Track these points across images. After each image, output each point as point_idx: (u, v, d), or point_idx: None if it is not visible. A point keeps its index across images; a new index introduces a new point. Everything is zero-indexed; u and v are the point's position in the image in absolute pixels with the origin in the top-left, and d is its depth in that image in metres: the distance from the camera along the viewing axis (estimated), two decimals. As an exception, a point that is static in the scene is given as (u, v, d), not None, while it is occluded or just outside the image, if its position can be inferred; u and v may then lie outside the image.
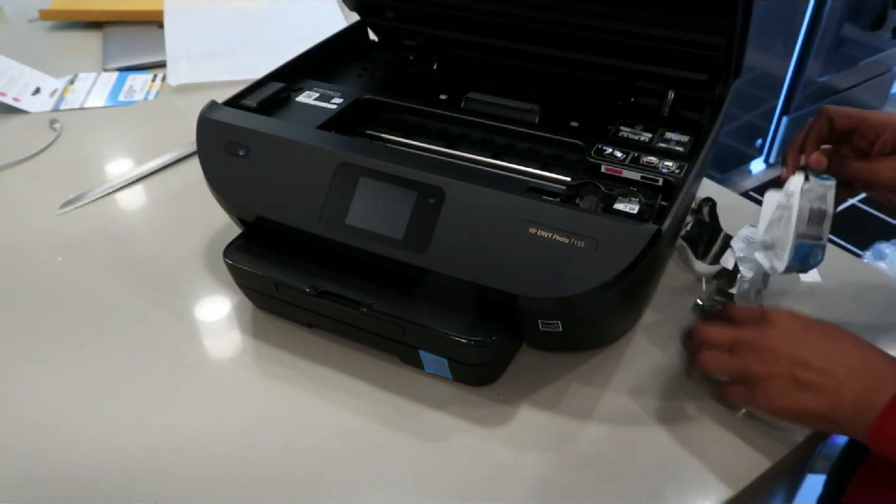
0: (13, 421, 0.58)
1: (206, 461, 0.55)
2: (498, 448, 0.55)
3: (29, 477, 0.54)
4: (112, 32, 1.22)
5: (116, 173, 0.87)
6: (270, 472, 0.54)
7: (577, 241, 0.51)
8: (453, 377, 0.59)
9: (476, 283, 0.54)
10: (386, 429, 0.57)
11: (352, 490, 0.53)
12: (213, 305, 0.68)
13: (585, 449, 0.55)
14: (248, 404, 0.59)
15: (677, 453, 0.54)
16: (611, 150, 0.61)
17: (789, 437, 0.55)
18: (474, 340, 0.54)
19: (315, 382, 0.60)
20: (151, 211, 0.82)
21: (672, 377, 0.60)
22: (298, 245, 0.61)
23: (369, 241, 0.57)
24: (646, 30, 0.63)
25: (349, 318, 0.59)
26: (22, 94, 1.02)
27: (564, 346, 0.62)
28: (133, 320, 0.67)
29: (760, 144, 2.27)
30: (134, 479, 0.53)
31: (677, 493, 0.52)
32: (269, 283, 0.61)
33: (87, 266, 0.73)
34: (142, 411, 0.58)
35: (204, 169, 0.63)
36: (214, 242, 0.75)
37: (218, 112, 0.64)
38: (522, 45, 0.73)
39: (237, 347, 0.64)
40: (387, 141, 0.68)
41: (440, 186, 0.55)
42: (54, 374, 0.62)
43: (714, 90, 0.66)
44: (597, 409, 0.58)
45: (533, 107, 0.67)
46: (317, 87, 0.71)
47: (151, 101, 1.03)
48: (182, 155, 0.89)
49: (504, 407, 0.58)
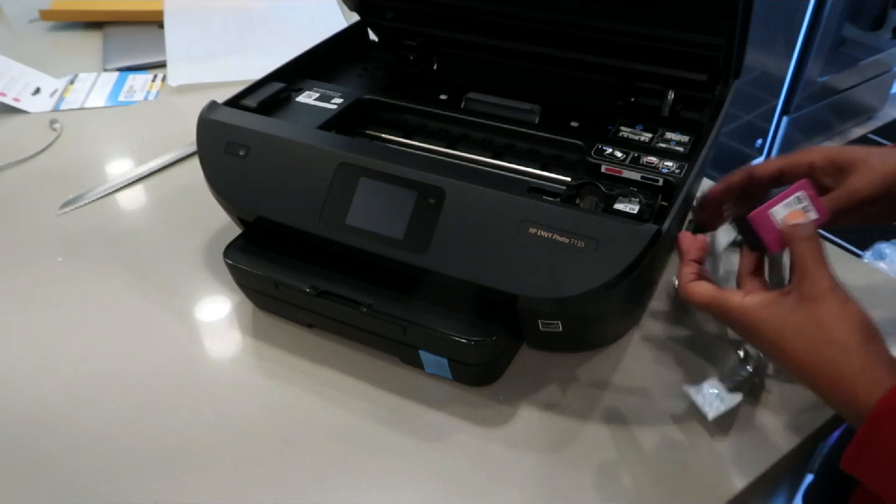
0: (13, 421, 0.58)
1: (206, 461, 0.55)
2: (498, 448, 0.55)
3: (28, 476, 0.54)
4: (112, 33, 1.22)
5: (116, 173, 0.87)
6: (270, 472, 0.54)
7: (577, 241, 0.51)
8: (453, 377, 0.59)
9: (476, 284, 0.54)
10: (386, 429, 0.57)
11: (352, 490, 0.53)
12: (213, 305, 0.68)
13: (585, 449, 0.55)
14: (248, 404, 0.59)
15: (677, 453, 0.54)
16: (611, 151, 0.61)
17: (789, 437, 0.55)
18: (474, 340, 0.54)
19: (315, 382, 0.60)
20: (151, 211, 0.82)
21: (672, 377, 0.60)
22: (298, 245, 0.61)
23: (369, 241, 0.57)
24: (646, 30, 0.63)
25: (349, 319, 0.59)
26: (22, 95, 1.02)
27: (564, 346, 0.62)
28: (133, 320, 0.67)
29: (760, 144, 2.27)
30: (134, 478, 0.54)
31: (677, 493, 0.52)
32: (269, 283, 0.61)
33: (87, 266, 0.73)
34: (141, 411, 0.58)
35: (204, 169, 0.63)
36: (214, 242, 0.75)
37: (218, 112, 0.64)
38: (522, 45, 0.73)
39: (237, 347, 0.64)
40: (387, 141, 0.69)
41: (440, 186, 0.55)
42: (54, 374, 0.62)
43: (714, 90, 0.66)
44: (597, 409, 0.58)
45: (533, 107, 0.67)
46: (317, 87, 0.71)
47: (151, 102, 1.03)
48: (182, 155, 0.89)
49: (504, 407, 0.58)
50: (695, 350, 0.63)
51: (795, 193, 0.51)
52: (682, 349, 0.62)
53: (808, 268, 0.47)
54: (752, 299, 0.49)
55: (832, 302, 0.46)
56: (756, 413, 0.57)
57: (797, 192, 0.51)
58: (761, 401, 0.58)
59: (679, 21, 0.61)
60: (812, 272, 0.47)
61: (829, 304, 0.46)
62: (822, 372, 0.45)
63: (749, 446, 0.55)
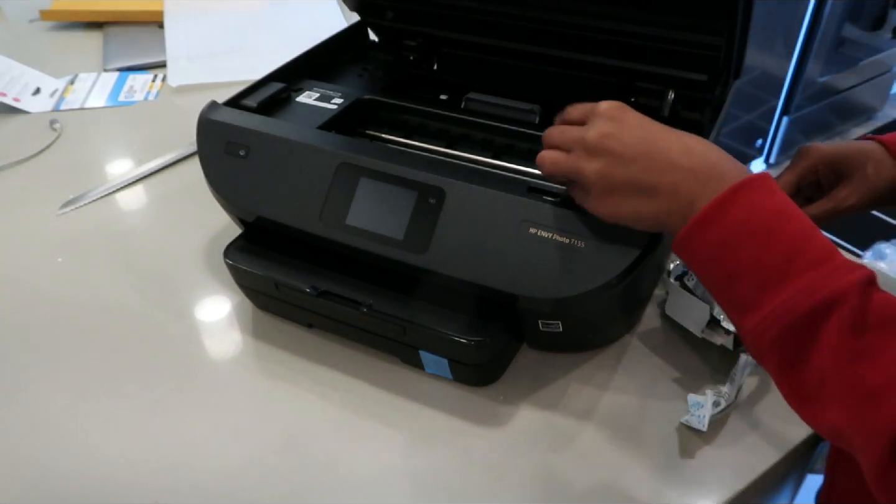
0: (13, 421, 0.58)
1: (206, 461, 0.55)
2: (498, 448, 0.55)
3: (29, 477, 0.54)
4: (112, 33, 1.22)
5: (116, 173, 0.87)
6: (270, 472, 0.54)
7: (577, 241, 0.51)
8: (453, 377, 0.59)
9: (476, 284, 0.54)
10: (386, 429, 0.57)
11: (352, 490, 0.53)
12: (213, 305, 0.68)
13: (585, 449, 0.55)
14: (248, 404, 0.59)
15: (677, 453, 0.54)
16: None
17: (789, 437, 0.55)
18: (474, 340, 0.54)
19: (315, 382, 0.60)
20: (151, 211, 0.82)
21: (672, 377, 0.60)
22: (299, 245, 0.61)
23: (370, 241, 0.57)
24: (646, 30, 0.63)
25: (349, 319, 0.59)
26: (22, 95, 1.02)
27: (564, 346, 0.62)
28: (133, 320, 0.67)
29: (760, 145, 2.27)
30: (133, 478, 0.54)
31: (677, 493, 0.52)
32: (269, 283, 0.61)
33: (87, 266, 0.73)
34: (141, 411, 0.58)
35: (204, 169, 0.63)
36: (214, 242, 0.75)
37: (218, 112, 0.64)
38: (522, 45, 0.73)
39: (237, 348, 0.64)
40: (387, 141, 0.68)
41: (440, 187, 0.55)
42: (54, 374, 0.62)
43: (714, 90, 0.66)
44: (597, 409, 0.58)
45: (533, 107, 0.67)
46: (317, 87, 0.71)
47: (151, 102, 1.03)
48: (182, 155, 0.89)
49: (504, 407, 0.58)
50: (694, 350, 0.63)
51: None
52: (681, 349, 0.62)
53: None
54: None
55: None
56: (755, 413, 0.57)
57: None
58: (760, 402, 0.58)
59: (679, 21, 0.61)
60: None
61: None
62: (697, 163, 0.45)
63: (749, 447, 0.55)
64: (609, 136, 0.47)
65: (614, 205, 0.48)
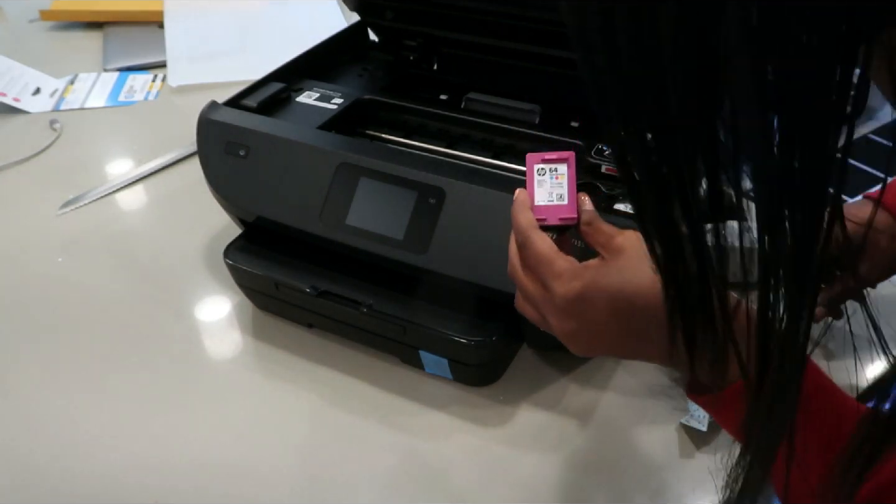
0: (12, 420, 0.58)
1: (206, 461, 0.55)
2: (498, 448, 0.55)
3: (29, 477, 0.54)
4: (112, 33, 1.22)
5: (116, 173, 0.87)
6: (270, 472, 0.54)
7: (577, 241, 0.51)
8: (454, 377, 0.59)
9: (476, 284, 0.54)
10: (386, 429, 0.57)
11: (352, 490, 0.53)
12: (213, 305, 0.68)
13: (585, 449, 0.55)
14: (248, 404, 0.59)
15: (677, 453, 0.54)
16: (611, 151, 0.61)
17: (789, 438, 0.55)
18: (475, 340, 0.54)
19: (315, 382, 0.60)
20: (151, 211, 0.82)
21: (673, 377, 0.60)
22: (299, 245, 0.61)
23: (370, 241, 0.57)
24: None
25: (349, 319, 0.59)
26: (22, 95, 1.02)
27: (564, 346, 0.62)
28: (133, 320, 0.67)
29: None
30: (133, 478, 0.54)
31: (677, 492, 0.52)
32: (269, 283, 0.61)
33: (88, 266, 0.73)
34: (141, 411, 0.58)
35: (204, 169, 0.63)
36: (214, 242, 0.75)
37: (218, 112, 0.64)
38: (522, 45, 0.73)
39: (237, 348, 0.64)
40: (387, 141, 0.68)
41: (440, 187, 0.55)
42: (54, 373, 0.62)
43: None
44: (597, 409, 0.58)
45: (533, 107, 0.67)
46: (317, 87, 0.71)
47: (151, 102, 1.03)
48: (182, 155, 0.89)
49: (504, 407, 0.58)
50: (695, 350, 0.63)
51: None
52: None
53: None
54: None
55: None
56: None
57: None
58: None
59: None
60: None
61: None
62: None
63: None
64: (572, 324, 0.45)
65: (590, 351, 0.48)
